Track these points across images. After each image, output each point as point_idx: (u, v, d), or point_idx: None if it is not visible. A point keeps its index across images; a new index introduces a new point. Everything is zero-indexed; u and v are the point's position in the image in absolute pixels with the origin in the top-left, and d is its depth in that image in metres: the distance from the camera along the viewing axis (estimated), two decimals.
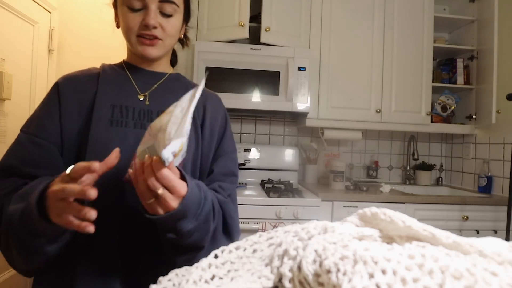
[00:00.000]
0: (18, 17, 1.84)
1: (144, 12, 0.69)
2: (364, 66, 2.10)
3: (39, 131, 0.67)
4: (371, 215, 0.35)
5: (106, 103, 0.70)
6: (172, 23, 0.72)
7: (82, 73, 0.75)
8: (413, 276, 0.24)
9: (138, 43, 0.71)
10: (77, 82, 0.72)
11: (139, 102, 0.74)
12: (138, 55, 0.74)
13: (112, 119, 0.69)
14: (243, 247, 0.38)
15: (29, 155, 0.66)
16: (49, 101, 0.70)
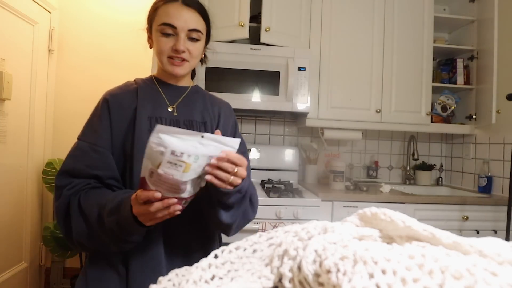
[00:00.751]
0: (18, 17, 1.84)
1: (175, 38, 0.84)
2: (364, 66, 2.10)
3: (98, 140, 0.83)
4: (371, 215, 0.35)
5: (144, 116, 0.85)
6: (197, 47, 0.87)
7: (123, 90, 0.90)
8: (413, 276, 0.24)
9: (169, 64, 0.86)
10: (121, 99, 0.87)
11: (169, 113, 0.89)
12: (167, 73, 0.89)
13: (150, 129, 0.78)
14: (243, 247, 0.38)
15: (91, 160, 0.81)
16: (102, 115, 0.85)
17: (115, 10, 2.21)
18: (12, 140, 1.85)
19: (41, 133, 2.10)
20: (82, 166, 0.81)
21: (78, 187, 0.80)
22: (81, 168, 0.81)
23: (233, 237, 0.82)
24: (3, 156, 1.80)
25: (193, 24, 0.85)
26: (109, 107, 0.85)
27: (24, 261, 1.98)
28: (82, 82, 2.20)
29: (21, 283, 1.96)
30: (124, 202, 0.70)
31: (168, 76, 0.91)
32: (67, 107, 2.21)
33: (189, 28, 0.84)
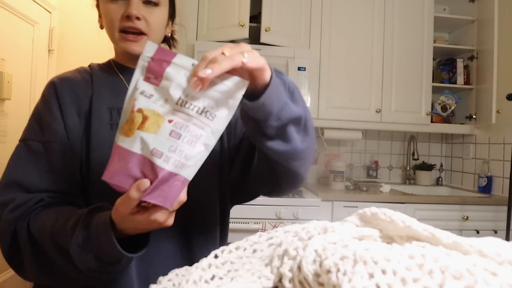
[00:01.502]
0: (18, 17, 1.84)
1: (125, 3, 0.65)
2: (364, 66, 2.10)
3: (52, 135, 0.63)
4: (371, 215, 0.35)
5: (103, 106, 0.67)
6: (156, 15, 0.68)
7: (74, 75, 0.71)
8: (413, 276, 0.24)
9: (121, 39, 0.67)
10: (73, 84, 0.69)
11: None
12: (122, 52, 0.72)
13: (112, 122, 0.67)
14: (243, 247, 0.38)
15: (46, 165, 0.62)
16: (50, 103, 0.66)
17: None
18: (12, 140, 1.85)
19: None
20: (32, 174, 0.60)
21: (26, 207, 0.58)
22: (31, 178, 0.60)
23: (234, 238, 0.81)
24: (3, 156, 1.79)
25: None
26: (57, 92, 0.66)
27: None
28: None
29: (21, 283, 1.96)
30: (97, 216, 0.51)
31: (127, 58, 0.73)
32: None
33: None
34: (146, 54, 0.44)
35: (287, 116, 0.53)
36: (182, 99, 0.43)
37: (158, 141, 0.41)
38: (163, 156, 0.41)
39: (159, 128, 0.42)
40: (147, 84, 0.44)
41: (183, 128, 0.42)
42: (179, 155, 0.42)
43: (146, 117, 0.42)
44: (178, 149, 0.42)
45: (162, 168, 0.41)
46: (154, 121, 0.42)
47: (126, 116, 0.44)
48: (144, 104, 0.43)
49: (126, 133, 0.42)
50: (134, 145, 0.42)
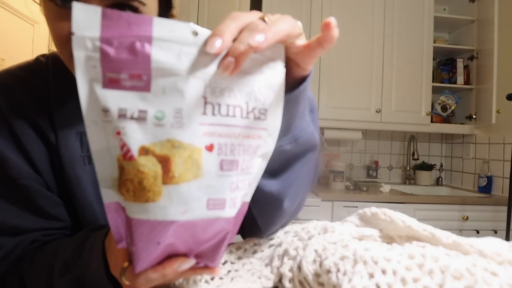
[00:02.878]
0: (18, 17, 1.84)
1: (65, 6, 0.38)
2: (364, 66, 2.10)
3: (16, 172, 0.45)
4: (371, 215, 0.35)
5: (71, 132, 0.48)
6: None
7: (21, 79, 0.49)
8: (413, 276, 0.24)
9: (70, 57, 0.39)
10: (19, 96, 0.47)
11: None
12: None
13: (83, 155, 0.49)
14: (243, 248, 0.38)
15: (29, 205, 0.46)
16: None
17: None
18: None
19: None
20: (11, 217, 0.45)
21: (18, 252, 0.45)
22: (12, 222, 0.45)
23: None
24: None
25: None
26: (1, 109, 0.45)
27: None
28: None
29: None
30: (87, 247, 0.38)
31: None
32: None
33: None
34: (85, 34, 0.22)
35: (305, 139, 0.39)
36: (210, 102, 0.25)
37: (209, 186, 0.25)
38: (226, 204, 0.27)
39: (201, 168, 0.25)
40: (120, 94, 0.23)
41: (235, 150, 0.26)
42: (243, 188, 0.28)
43: (166, 159, 0.24)
44: (240, 181, 0.27)
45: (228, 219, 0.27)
46: (184, 159, 0.24)
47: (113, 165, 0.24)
48: (142, 136, 0.23)
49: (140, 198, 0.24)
50: (170, 210, 0.25)
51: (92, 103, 0.23)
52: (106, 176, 0.25)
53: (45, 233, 0.47)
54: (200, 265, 0.29)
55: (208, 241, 0.28)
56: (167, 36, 0.24)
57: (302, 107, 0.37)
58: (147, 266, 0.28)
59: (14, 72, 0.50)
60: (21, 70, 0.50)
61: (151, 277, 0.29)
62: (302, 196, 0.47)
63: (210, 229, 0.27)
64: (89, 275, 0.37)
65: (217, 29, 0.27)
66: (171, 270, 0.28)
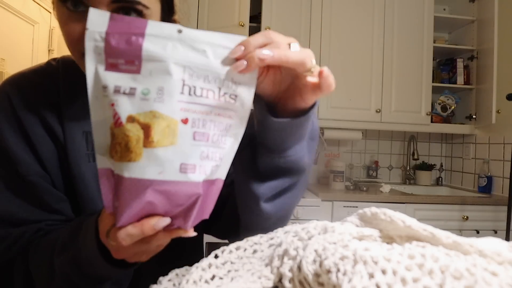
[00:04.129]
0: (18, 17, 1.84)
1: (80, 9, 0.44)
2: (364, 66, 2.10)
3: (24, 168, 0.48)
4: (371, 215, 0.35)
5: (78, 131, 0.52)
6: None
7: (34, 80, 0.53)
8: (413, 276, 0.24)
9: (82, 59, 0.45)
10: (32, 96, 0.51)
11: None
12: None
13: (88, 153, 0.52)
14: (243, 248, 0.38)
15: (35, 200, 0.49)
16: (5, 124, 0.49)
17: None
18: None
19: None
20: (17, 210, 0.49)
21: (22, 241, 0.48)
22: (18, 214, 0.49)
23: None
24: None
25: None
26: (15, 109, 0.49)
27: None
28: None
29: None
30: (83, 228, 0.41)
31: None
32: None
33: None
34: (95, 29, 0.30)
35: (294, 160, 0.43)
36: (187, 84, 0.30)
37: (182, 152, 0.30)
38: (196, 169, 0.31)
39: (176, 136, 0.30)
40: (117, 75, 0.30)
41: (206, 125, 0.31)
42: (213, 159, 0.32)
43: (147, 126, 0.29)
44: (210, 152, 0.32)
45: (198, 183, 0.31)
46: (162, 128, 0.29)
47: (106, 133, 0.30)
48: (130, 107, 0.29)
49: (125, 157, 0.29)
50: (148, 170, 0.30)
51: (96, 82, 0.30)
52: (101, 143, 0.31)
53: (49, 223, 0.50)
54: (174, 227, 0.33)
55: (182, 205, 0.32)
56: (157, 32, 0.30)
57: (301, 133, 0.41)
58: (128, 220, 0.31)
59: (27, 75, 0.54)
60: (34, 73, 0.54)
61: (131, 232, 0.31)
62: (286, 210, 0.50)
63: (182, 192, 0.31)
64: (84, 254, 0.39)
65: (246, 40, 0.35)
66: (149, 226, 0.31)
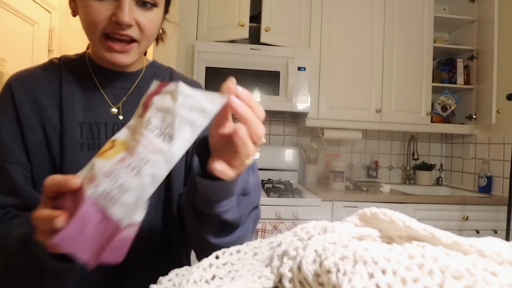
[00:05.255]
0: (18, 17, 1.84)
1: (114, 2, 0.50)
2: (364, 66, 2.10)
3: (7, 154, 0.53)
4: (371, 215, 0.35)
5: (73, 120, 0.56)
6: (151, 18, 0.54)
7: (38, 74, 0.58)
8: (413, 276, 0.24)
9: (105, 48, 0.53)
10: (36, 88, 0.56)
11: (112, 117, 0.59)
12: (103, 61, 0.59)
13: (82, 141, 0.56)
14: (244, 251, 0.38)
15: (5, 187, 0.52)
16: (4, 113, 0.54)
17: None
18: None
19: None
20: None
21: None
22: None
23: None
24: None
25: None
26: (14, 99, 0.55)
27: None
28: None
29: None
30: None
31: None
32: None
33: None
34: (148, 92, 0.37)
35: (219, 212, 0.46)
36: (148, 119, 0.34)
37: (104, 166, 0.31)
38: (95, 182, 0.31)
39: (115, 155, 0.32)
40: (135, 119, 0.37)
41: (132, 152, 0.32)
42: (113, 182, 0.30)
43: (112, 145, 0.34)
44: (113, 174, 0.31)
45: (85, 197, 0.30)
46: (116, 149, 0.33)
47: None
48: (120, 135, 0.35)
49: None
50: (81, 172, 0.33)
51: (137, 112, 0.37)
52: None
53: (18, 207, 0.52)
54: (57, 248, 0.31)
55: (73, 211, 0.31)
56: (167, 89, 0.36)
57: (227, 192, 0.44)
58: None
59: (31, 70, 0.59)
60: (37, 68, 0.60)
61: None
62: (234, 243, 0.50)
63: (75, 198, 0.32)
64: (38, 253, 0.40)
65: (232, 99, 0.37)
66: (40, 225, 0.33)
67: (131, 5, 0.51)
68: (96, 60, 0.61)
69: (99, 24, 0.51)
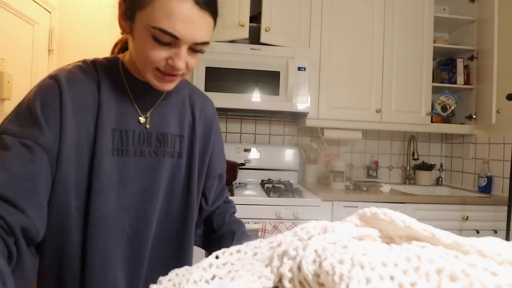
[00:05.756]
0: (18, 17, 1.84)
1: (172, 48, 0.56)
2: (364, 66, 2.10)
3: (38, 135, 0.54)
4: (371, 215, 0.35)
5: (108, 127, 0.61)
6: (198, 58, 0.61)
7: (81, 78, 0.61)
8: (410, 280, 0.24)
9: (156, 77, 0.60)
10: (80, 92, 0.60)
11: (139, 125, 0.66)
12: (143, 77, 0.64)
13: (113, 147, 0.62)
14: (244, 251, 0.38)
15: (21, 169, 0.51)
16: (50, 107, 0.56)
17: (115, 9, 2.21)
18: None
19: None
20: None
21: None
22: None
23: None
24: None
25: (203, 35, 0.57)
26: (61, 97, 0.57)
27: None
28: None
29: None
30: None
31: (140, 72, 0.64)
32: None
33: (196, 42, 0.57)
34: None
35: None
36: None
37: None
38: None
39: None
40: None
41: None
42: None
43: None
44: None
45: None
46: None
47: None
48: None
49: None
50: None
51: None
52: None
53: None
54: None
55: None
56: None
57: None
58: None
59: (74, 70, 0.62)
60: (78, 69, 0.62)
61: None
62: None
63: None
64: None
65: None
66: None
67: (186, 53, 0.57)
68: (131, 71, 0.66)
69: (155, 63, 0.57)
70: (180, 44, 0.56)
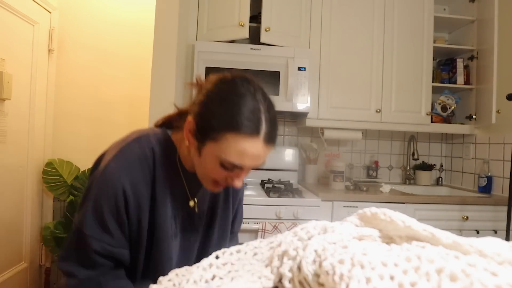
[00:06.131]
0: (18, 17, 1.84)
1: (234, 170, 0.64)
2: (364, 66, 2.10)
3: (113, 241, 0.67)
4: (371, 215, 0.35)
5: (166, 216, 0.70)
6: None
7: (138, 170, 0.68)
8: (410, 280, 0.24)
9: (212, 184, 0.69)
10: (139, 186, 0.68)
11: (189, 209, 0.75)
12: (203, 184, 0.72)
13: (172, 233, 0.72)
14: (244, 251, 0.38)
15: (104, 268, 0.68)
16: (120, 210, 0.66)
17: (115, 9, 2.21)
18: (12, 140, 1.85)
19: (41, 133, 2.10)
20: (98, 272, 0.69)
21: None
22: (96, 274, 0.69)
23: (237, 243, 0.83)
24: (3, 156, 1.80)
25: (264, 162, 0.66)
26: (126, 199, 0.67)
27: (24, 261, 1.98)
28: (82, 82, 2.20)
29: (21, 283, 1.96)
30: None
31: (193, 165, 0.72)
32: (67, 107, 2.21)
33: (256, 167, 0.65)
34: None
35: None
36: None
37: None
38: None
39: None
40: None
41: None
42: None
43: None
44: None
45: None
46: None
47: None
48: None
49: None
50: None
51: None
52: None
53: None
54: None
55: None
56: None
57: None
58: None
59: (135, 164, 0.68)
60: (137, 159, 0.68)
61: None
62: None
63: None
64: None
65: None
66: None
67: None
68: (184, 162, 0.74)
69: (216, 179, 0.67)
70: (242, 170, 0.65)
